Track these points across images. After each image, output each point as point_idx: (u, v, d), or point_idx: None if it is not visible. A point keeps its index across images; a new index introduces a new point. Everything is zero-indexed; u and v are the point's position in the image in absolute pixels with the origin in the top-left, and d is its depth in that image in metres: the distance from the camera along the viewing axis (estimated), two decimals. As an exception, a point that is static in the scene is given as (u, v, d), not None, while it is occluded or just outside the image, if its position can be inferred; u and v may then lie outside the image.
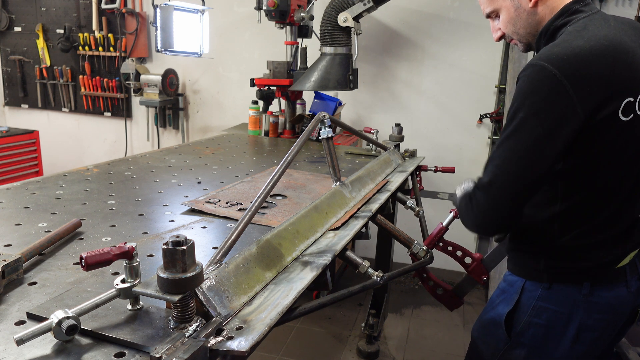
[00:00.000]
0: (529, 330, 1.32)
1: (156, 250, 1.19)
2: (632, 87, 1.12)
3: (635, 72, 1.13)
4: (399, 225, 3.04)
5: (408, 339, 3.15)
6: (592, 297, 1.25)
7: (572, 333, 1.27)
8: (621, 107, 1.11)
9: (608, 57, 1.10)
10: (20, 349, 0.76)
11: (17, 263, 1.00)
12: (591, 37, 1.12)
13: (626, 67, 1.11)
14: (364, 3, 2.88)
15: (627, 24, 1.22)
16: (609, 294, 1.26)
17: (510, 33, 1.34)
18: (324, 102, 3.34)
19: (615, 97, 1.10)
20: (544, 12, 1.26)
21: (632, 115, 1.13)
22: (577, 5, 1.22)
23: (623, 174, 1.21)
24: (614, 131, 1.13)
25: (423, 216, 2.12)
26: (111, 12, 4.24)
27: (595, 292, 1.25)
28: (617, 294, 1.26)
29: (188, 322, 0.82)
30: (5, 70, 4.73)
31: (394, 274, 1.52)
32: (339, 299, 1.24)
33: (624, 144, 1.16)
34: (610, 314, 1.27)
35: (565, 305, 1.27)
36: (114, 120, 4.60)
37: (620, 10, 3.27)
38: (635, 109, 1.13)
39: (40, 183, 1.75)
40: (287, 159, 1.32)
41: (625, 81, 1.11)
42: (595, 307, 1.26)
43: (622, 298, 1.27)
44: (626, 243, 1.26)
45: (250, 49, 4.07)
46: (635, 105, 1.13)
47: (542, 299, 1.29)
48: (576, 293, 1.26)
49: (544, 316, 1.29)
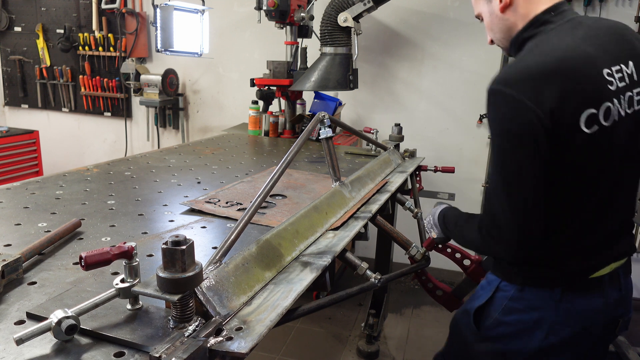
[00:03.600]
0: (499, 327, 1.33)
1: (156, 250, 1.19)
2: (592, 99, 1.10)
3: (596, 84, 1.11)
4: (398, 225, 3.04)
5: (408, 339, 3.15)
6: (562, 303, 1.24)
7: (541, 336, 1.27)
8: (581, 119, 1.09)
9: (563, 71, 1.09)
10: (19, 348, 0.76)
11: (16, 263, 1.00)
12: (548, 52, 1.13)
13: (585, 79, 1.10)
14: (364, 3, 2.88)
15: (603, 30, 1.19)
16: (582, 302, 1.25)
17: (491, 37, 1.38)
18: (324, 102, 3.34)
19: (575, 109, 1.09)
20: (515, 18, 1.26)
21: (597, 127, 1.11)
22: (546, 16, 1.21)
23: (592, 186, 1.18)
24: (578, 143, 1.11)
25: (421, 218, 2.12)
26: (111, 12, 4.24)
27: (567, 299, 1.24)
28: (591, 303, 1.25)
29: (187, 321, 0.82)
30: (5, 70, 4.73)
31: (392, 276, 1.52)
32: (338, 300, 1.25)
33: (590, 155, 1.14)
34: (581, 322, 1.26)
35: (535, 308, 1.27)
36: (114, 120, 4.60)
37: (620, 10, 3.27)
38: (600, 120, 1.11)
39: (40, 183, 1.75)
40: (287, 159, 1.32)
41: (584, 93, 1.09)
42: (565, 314, 1.25)
43: (596, 308, 1.25)
44: (602, 254, 1.25)
45: (250, 49, 4.07)
46: (598, 116, 1.10)
47: (514, 299, 1.30)
48: (547, 297, 1.26)
49: (514, 316, 1.30)
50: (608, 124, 1.12)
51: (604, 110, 1.10)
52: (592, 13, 3.31)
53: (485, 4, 1.32)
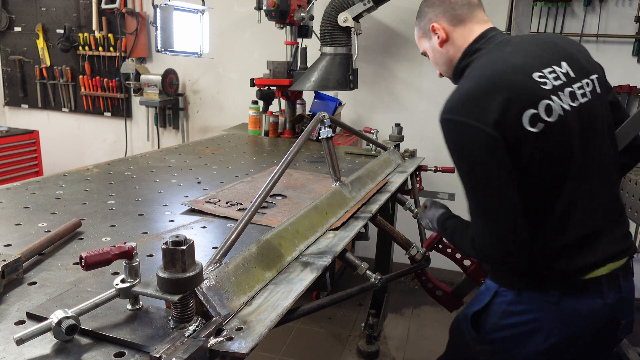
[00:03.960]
0: (499, 332, 1.35)
1: (156, 250, 1.19)
2: (528, 101, 1.17)
3: (528, 87, 1.19)
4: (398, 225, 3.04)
5: (408, 339, 3.15)
6: (560, 307, 1.25)
7: (540, 340, 1.28)
8: (524, 120, 1.16)
9: (495, 84, 1.18)
10: (20, 348, 0.76)
11: (17, 263, 1.00)
12: (480, 73, 1.25)
13: (516, 85, 1.18)
14: (364, 3, 2.88)
15: (530, 42, 1.31)
16: (580, 304, 1.25)
17: (438, 70, 1.50)
18: (324, 102, 3.34)
19: (516, 114, 1.16)
20: (453, 50, 1.39)
21: (543, 125, 1.17)
22: (476, 45, 1.34)
23: (556, 179, 1.22)
24: (530, 142, 1.17)
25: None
26: (111, 12, 4.24)
27: (564, 301, 1.25)
28: (589, 304, 1.25)
29: (188, 321, 0.82)
30: (5, 70, 4.73)
31: (392, 276, 1.52)
32: (338, 300, 1.25)
33: (545, 151, 1.19)
34: (580, 324, 1.26)
35: (534, 312, 1.28)
36: (114, 120, 4.60)
37: (620, 10, 3.27)
38: (543, 118, 1.17)
39: (40, 183, 1.75)
40: (287, 159, 1.32)
41: (519, 98, 1.17)
42: (563, 316, 1.25)
43: (596, 309, 1.26)
44: (591, 253, 1.24)
45: (250, 49, 4.07)
46: (540, 115, 1.17)
47: (512, 303, 1.32)
48: (545, 301, 1.27)
49: (513, 320, 1.31)
50: (553, 119, 1.18)
51: (544, 107, 1.18)
52: (592, 13, 3.31)
53: (427, 42, 1.45)
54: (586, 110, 1.24)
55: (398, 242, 1.73)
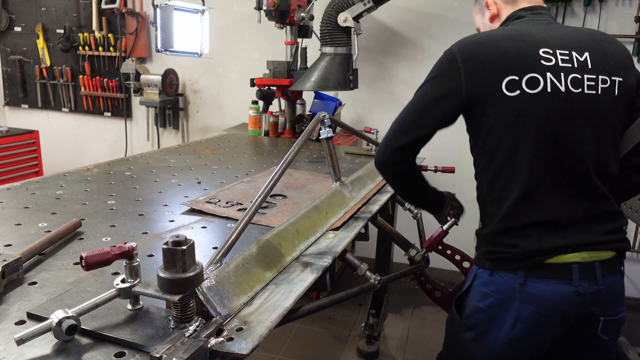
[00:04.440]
0: (476, 314, 1.34)
1: (156, 250, 1.19)
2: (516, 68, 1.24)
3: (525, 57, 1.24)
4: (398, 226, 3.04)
5: (408, 339, 3.15)
6: (526, 288, 1.24)
7: (510, 322, 1.27)
8: (503, 82, 1.23)
9: (501, 42, 1.27)
10: (20, 348, 0.76)
11: (17, 263, 1.00)
12: (500, 31, 1.33)
13: (513, 51, 1.25)
14: (364, 3, 2.88)
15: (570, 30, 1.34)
16: (546, 288, 1.24)
17: None
18: (324, 102, 3.33)
19: (499, 73, 1.24)
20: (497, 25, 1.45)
21: (519, 92, 1.23)
22: (521, 12, 1.39)
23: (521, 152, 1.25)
24: (502, 103, 1.24)
25: (421, 219, 2.12)
26: (111, 12, 4.24)
27: (531, 283, 1.24)
28: (558, 290, 1.23)
29: (188, 322, 0.82)
30: (5, 70, 4.73)
31: (391, 277, 1.52)
32: (337, 301, 1.25)
33: (514, 117, 1.24)
34: (548, 310, 1.24)
35: (503, 292, 1.28)
36: (114, 120, 4.60)
37: (620, 10, 3.27)
38: (522, 87, 1.23)
39: (40, 183, 1.75)
40: (287, 159, 1.33)
41: (509, 62, 1.24)
42: (530, 299, 1.24)
43: (565, 296, 1.23)
44: (554, 237, 1.24)
45: (250, 49, 4.07)
46: (521, 83, 1.23)
47: (486, 284, 1.31)
48: (512, 281, 1.26)
49: (487, 302, 1.31)
50: (533, 91, 1.23)
51: (527, 78, 1.23)
52: (592, 13, 3.31)
53: (481, 18, 1.53)
54: (585, 101, 1.25)
55: (397, 243, 1.74)
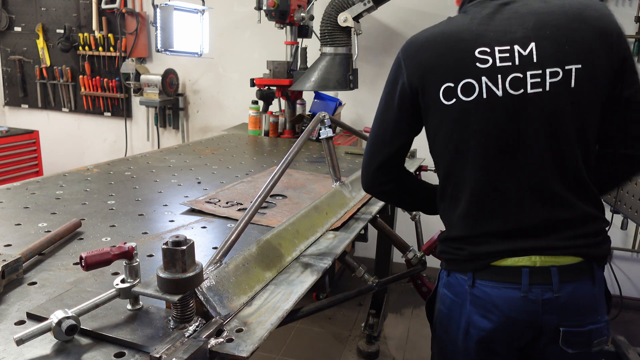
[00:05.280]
0: (439, 317, 1.31)
1: (156, 250, 1.19)
2: (451, 74, 1.16)
3: (460, 61, 1.16)
4: (398, 226, 3.04)
5: (408, 339, 3.15)
6: (475, 290, 1.19)
7: (462, 326, 1.22)
8: (440, 90, 1.17)
9: (440, 43, 1.19)
10: (20, 348, 0.76)
11: (17, 263, 1.00)
12: (444, 26, 1.23)
13: (449, 55, 1.17)
14: (364, 3, 2.87)
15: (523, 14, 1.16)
16: (493, 292, 1.17)
17: None
18: (324, 102, 3.33)
19: (437, 80, 1.18)
20: None
21: (455, 100, 1.16)
22: None
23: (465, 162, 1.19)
24: (440, 112, 1.19)
25: (419, 220, 2.12)
26: (111, 12, 4.24)
27: (478, 286, 1.19)
28: (505, 295, 1.16)
29: (188, 322, 0.82)
30: (5, 70, 4.73)
31: (389, 280, 1.53)
32: (336, 303, 1.25)
33: (453, 127, 1.19)
34: (498, 316, 1.17)
35: (456, 294, 1.24)
36: (114, 120, 4.60)
37: (620, 10, 3.27)
38: (458, 95, 1.16)
39: (40, 183, 1.75)
40: (287, 159, 1.32)
41: (446, 67, 1.17)
42: (479, 302, 1.19)
43: (513, 301, 1.16)
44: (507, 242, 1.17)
45: (250, 49, 4.07)
46: (457, 90, 1.16)
47: (445, 286, 1.28)
48: (463, 283, 1.21)
49: (447, 303, 1.27)
50: (468, 99, 1.15)
51: (462, 85, 1.15)
52: (592, 13, 3.30)
53: None
54: (531, 102, 1.12)
55: (396, 245, 1.74)
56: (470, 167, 1.19)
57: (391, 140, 1.29)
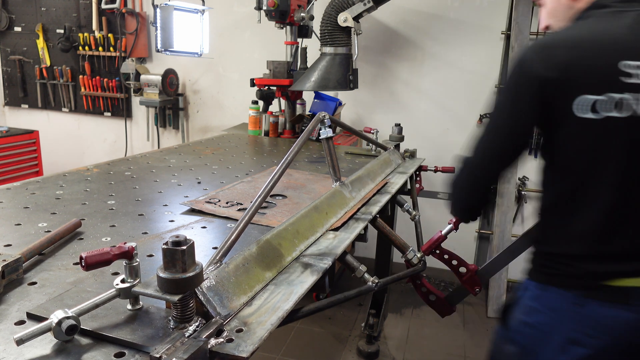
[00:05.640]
0: (523, 329, 1.28)
1: (156, 250, 1.19)
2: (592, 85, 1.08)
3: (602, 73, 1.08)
4: (398, 227, 3.04)
5: (408, 339, 3.15)
6: (584, 310, 1.17)
7: (557, 343, 1.20)
8: (575, 102, 1.09)
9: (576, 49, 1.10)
10: (20, 349, 0.76)
11: (17, 263, 1.00)
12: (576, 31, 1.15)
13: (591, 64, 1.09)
14: (364, 3, 2.87)
15: None
16: (604, 311, 1.16)
17: (549, 23, 1.33)
18: (324, 102, 3.34)
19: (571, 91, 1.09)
20: (581, 6, 1.23)
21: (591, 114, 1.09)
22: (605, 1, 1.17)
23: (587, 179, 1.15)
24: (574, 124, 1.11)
25: (419, 221, 2.12)
26: (111, 12, 4.24)
27: (589, 305, 1.16)
28: (615, 313, 1.15)
29: (188, 322, 0.82)
30: (5, 70, 4.73)
31: (389, 280, 1.52)
32: (336, 303, 1.25)
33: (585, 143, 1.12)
34: (607, 336, 1.16)
35: (554, 310, 1.21)
36: (114, 120, 4.60)
37: (620, 11, 3.26)
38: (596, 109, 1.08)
39: (40, 183, 1.75)
40: (287, 159, 1.32)
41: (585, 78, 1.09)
42: (587, 322, 1.17)
43: (624, 321, 1.15)
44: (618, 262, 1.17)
45: (250, 49, 4.07)
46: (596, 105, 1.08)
47: (536, 299, 1.25)
48: (566, 300, 1.19)
49: (535, 318, 1.25)
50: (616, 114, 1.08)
51: (601, 99, 1.08)
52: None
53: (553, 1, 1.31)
54: None
55: (396, 245, 1.73)
56: (604, 187, 1.14)
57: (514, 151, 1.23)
